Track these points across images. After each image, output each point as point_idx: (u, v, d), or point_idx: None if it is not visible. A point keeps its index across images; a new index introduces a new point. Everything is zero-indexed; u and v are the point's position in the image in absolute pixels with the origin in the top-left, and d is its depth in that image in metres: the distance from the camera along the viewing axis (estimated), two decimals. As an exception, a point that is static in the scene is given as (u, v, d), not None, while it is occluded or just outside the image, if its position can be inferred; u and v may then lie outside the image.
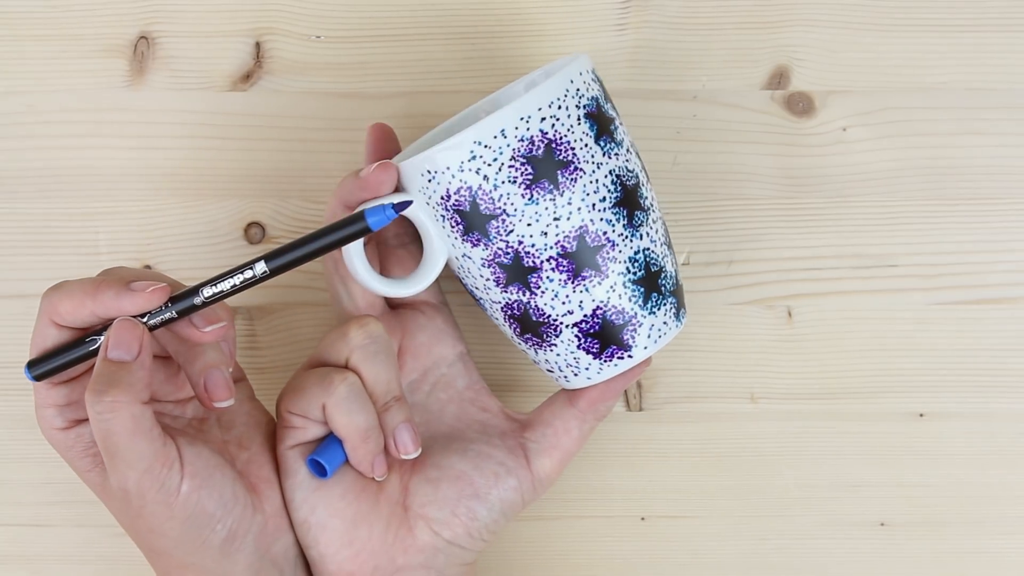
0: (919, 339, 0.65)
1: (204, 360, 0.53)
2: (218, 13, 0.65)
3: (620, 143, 0.55)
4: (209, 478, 0.53)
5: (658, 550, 0.65)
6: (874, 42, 0.65)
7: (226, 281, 0.51)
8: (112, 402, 0.50)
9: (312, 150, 0.65)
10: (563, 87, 0.53)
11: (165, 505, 0.52)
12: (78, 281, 0.53)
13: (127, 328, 0.51)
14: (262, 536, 0.55)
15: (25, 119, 0.65)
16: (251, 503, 0.55)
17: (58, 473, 0.64)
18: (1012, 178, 0.65)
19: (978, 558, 0.65)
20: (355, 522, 0.56)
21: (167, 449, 0.52)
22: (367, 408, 0.54)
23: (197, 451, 0.53)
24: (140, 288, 0.52)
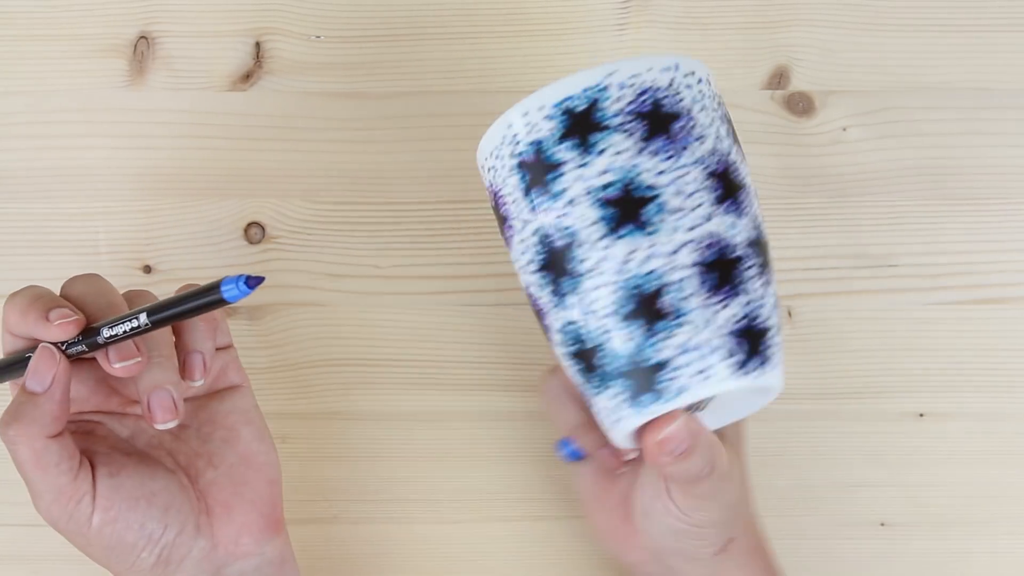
0: (919, 339, 0.65)
1: (149, 379, 0.52)
2: (218, 13, 0.65)
3: (558, 195, 0.49)
4: (128, 511, 0.53)
5: (658, 550, 0.65)
6: (874, 42, 0.65)
7: (120, 326, 0.51)
8: (14, 435, 0.51)
9: (312, 150, 0.65)
10: (500, 132, 0.50)
11: (79, 535, 0.53)
12: (25, 293, 0.52)
13: (44, 359, 0.51)
14: (207, 560, 0.54)
15: (25, 119, 0.65)
16: (193, 528, 0.54)
17: (58, 473, 0.64)
18: (1012, 178, 0.65)
19: (978, 558, 0.65)
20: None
21: (76, 483, 0.52)
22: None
23: (116, 483, 0.53)
24: (54, 319, 0.51)
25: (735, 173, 0.50)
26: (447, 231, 0.64)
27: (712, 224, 0.49)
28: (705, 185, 0.49)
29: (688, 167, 0.49)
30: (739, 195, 0.50)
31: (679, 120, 0.49)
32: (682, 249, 0.48)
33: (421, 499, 0.65)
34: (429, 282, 0.65)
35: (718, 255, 0.49)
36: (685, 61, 0.50)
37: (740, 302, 0.49)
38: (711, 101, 0.50)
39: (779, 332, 0.51)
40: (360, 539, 0.65)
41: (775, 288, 0.51)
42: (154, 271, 0.64)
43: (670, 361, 0.49)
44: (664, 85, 0.49)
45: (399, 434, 0.65)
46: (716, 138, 0.50)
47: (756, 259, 0.50)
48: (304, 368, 0.65)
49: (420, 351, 0.65)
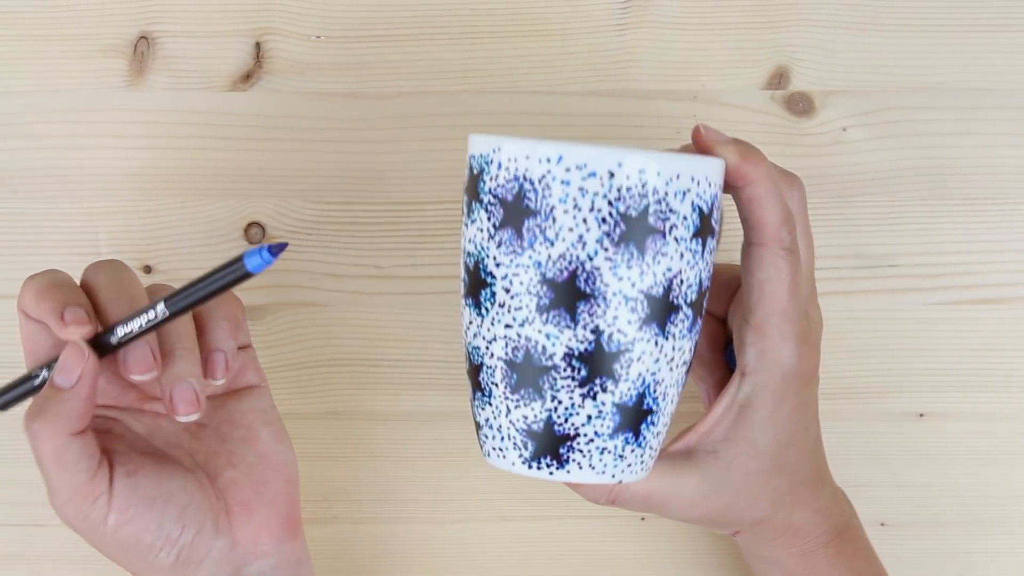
0: (919, 339, 0.65)
1: (172, 371, 0.52)
2: (218, 13, 0.65)
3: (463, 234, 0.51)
4: (146, 511, 0.52)
5: (658, 550, 0.65)
6: (874, 42, 0.65)
7: (135, 321, 0.51)
8: (37, 429, 0.51)
9: (312, 150, 0.65)
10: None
11: (94, 534, 0.52)
12: (44, 277, 0.53)
13: (73, 355, 0.51)
14: (227, 560, 0.54)
15: (25, 119, 0.65)
16: (212, 527, 0.54)
17: (58, 473, 0.64)
18: (1012, 178, 0.65)
19: (978, 558, 0.65)
20: None
21: (93, 483, 0.52)
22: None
23: (134, 483, 0.52)
24: (68, 320, 0.51)
25: (583, 282, 0.48)
26: (447, 231, 0.64)
27: (526, 329, 0.49)
28: (532, 290, 0.48)
29: (522, 267, 0.48)
30: (577, 304, 0.48)
31: (534, 217, 0.48)
32: (496, 341, 0.50)
33: (421, 499, 0.65)
34: (429, 282, 0.65)
35: (525, 358, 0.49)
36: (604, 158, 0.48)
37: (538, 406, 0.49)
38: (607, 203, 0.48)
39: (608, 438, 0.50)
40: (360, 539, 0.65)
41: (618, 398, 0.49)
42: (154, 271, 0.64)
43: (481, 427, 0.52)
44: (535, 177, 0.48)
45: (399, 434, 0.65)
46: (575, 244, 0.48)
47: (575, 371, 0.49)
48: (304, 368, 0.65)
49: (420, 351, 0.65)
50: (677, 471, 0.54)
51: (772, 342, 0.53)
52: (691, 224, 0.49)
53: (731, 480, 0.54)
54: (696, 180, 0.49)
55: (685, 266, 0.49)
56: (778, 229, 0.52)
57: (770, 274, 0.52)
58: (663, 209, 0.48)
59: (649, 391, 0.50)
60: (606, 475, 0.51)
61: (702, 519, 0.56)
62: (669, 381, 0.51)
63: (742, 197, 0.52)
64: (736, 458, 0.54)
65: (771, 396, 0.54)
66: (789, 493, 0.55)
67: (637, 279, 0.48)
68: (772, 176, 0.52)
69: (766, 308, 0.53)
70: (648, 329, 0.49)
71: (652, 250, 0.48)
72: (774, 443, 0.54)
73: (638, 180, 0.48)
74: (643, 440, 0.51)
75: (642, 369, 0.49)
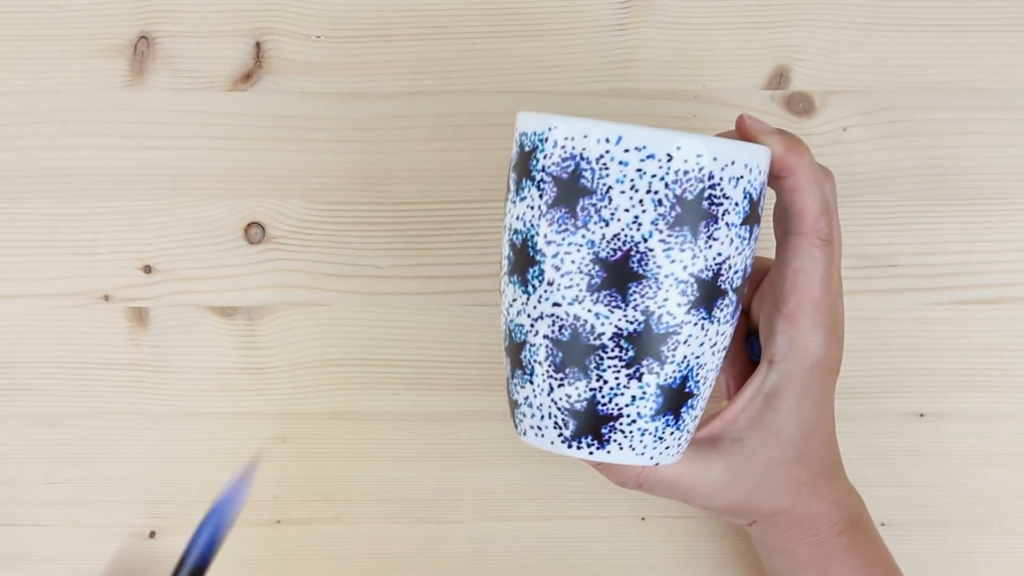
0: (919, 339, 0.65)
1: None
2: (218, 13, 0.65)
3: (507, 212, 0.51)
4: None
5: (658, 550, 0.65)
6: (874, 42, 0.65)
7: None
8: None
9: (312, 150, 0.65)
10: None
11: None
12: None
13: None
14: None
15: (25, 119, 0.64)
16: None
17: (59, 473, 0.64)
18: (1012, 178, 0.65)
19: (978, 558, 0.65)
20: None
21: None
22: None
23: None
24: None
25: (637, 262, 0.48)
26: (447, 231, 0.64)
27: (576, 308, 0.49)
28: (584, 269, 0.49)
29: (574, 246, 0.49)
30: (629, 285, 0.48)
31: (589, 197, 0.48)
32: (542, 320, 0.50)
33: (421, 499, 0.65)
34: (429, 282, 0.65)
35: (572, 337, 0.49)
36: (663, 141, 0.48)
37: (583, 385, 0.50)
38: (664, 186, 0.48)
39: (649, 420, 0.50)
40: (360, 539, 0.65)
41: (663, 380, 0.50)
42: (154, 271, 0.64)
43: (519, 405, 0.52)
44: (593, 157, 0.48)
45: (399, 434, 0.65)
46: (631, 225, 0.48)
47: (622, 351, 0.49)
48: (304, 368, 0.65)
49: (420, 351, 0.65)
50: (703, 458, 0.54)
51: (803, 331, 0.53)
52: (742, 210, 0.50)
53: (754, 468, 0.55)
54: (748, 167, 0.49)
55: (734, 252, 0.50)
56: (817, 219, 0.53)
57: (806, 263, 0.53)
58: (718, 194, 0.49)
59: (692, 374, 0.50)
60: (645, 456, 0.51)
61: (724, 507, 0.56)
62: (710, 365, 0.51)
63: (785, 186, 0.53)
64: (760, 447, 0.54)
65: (798, 386, 0.54)
66: (808, 483, 0.56)
67: (689, 262, 0.49)
68: (814, 167, 0.53)
69: (800, 297, 0.53)
70: (696, 313, 0.49)
71: (705, 234, 0.49)
72: (798, 433, 0.55)
73: (695, 164, 0.48)
74: (682, 423, 0.51)
75: (687, 352, 0.50)
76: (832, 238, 0.53)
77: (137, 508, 0.64)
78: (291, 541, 0.64)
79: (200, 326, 0.64)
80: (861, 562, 0.57)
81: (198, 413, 0.64)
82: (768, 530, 0.58)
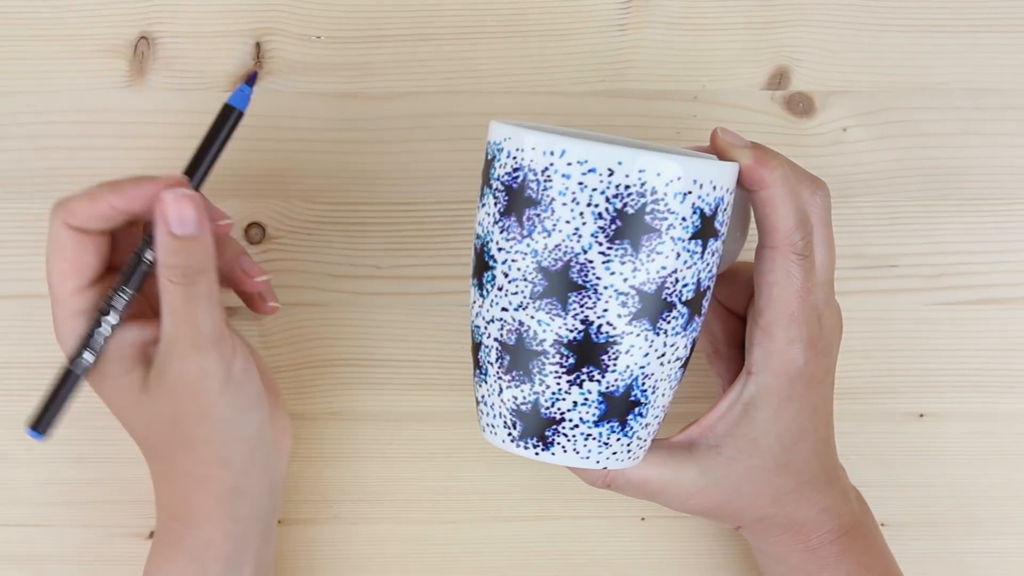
0: (919, 339, 0.65)
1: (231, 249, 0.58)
2: (218, 13, 0.65)
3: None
4: (251, 362, 0.55)
5: (658, 550, 0.65)
6: (874, 42, 0.65)
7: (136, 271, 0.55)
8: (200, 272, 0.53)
9: (312, 150, 0.65)
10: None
11: (220, 380, 0.54)
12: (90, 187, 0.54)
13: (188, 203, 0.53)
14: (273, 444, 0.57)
15: (25, 119, 0.65)
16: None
17: (60, 473, 0.64)
18: (1012, 178, 0.65)
19: (978, 558, 0.65)
20: None
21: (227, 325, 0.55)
22: None
23: (240, 338, 0.56)
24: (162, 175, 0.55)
25: (576, 273, 0.49)
26: (447, 231, 0.64)
27: (520, 314, 0.50)
28: (528, 277, 0.50)
29: (520, 254, 0.50)
30: (569, 295, 0.49)
31: (534, 207, 0.49)
32: (493, 323, 0.51)
33: (421, 499, 0.65)
34: (429, 282, 0.65)
35: (517, 342, 0.50)
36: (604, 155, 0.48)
37: (528, 389, 0.51)
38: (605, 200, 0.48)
39: (592, 425, 0.51)
40: (360, 539, 0.65)
41: (604, 387, 0.50)
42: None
43: (479, 403, 0.54)
44: (539, 168, 0.49)
45: (399, 434, 0.65)
46: (571, 237, 0.49)
47: (563, 358, 0.50)
48: (304, 368, 0.65)
49: (420, 351, 0.65)
50: (676, 461, 0.55)
51: (778, 344, 0.53)
52: (690, 225, 0.49)
53: (732, 476, 0.55)
54: (699, 183, 0.49)
55: (681, 265, 0.50)
56: (790, 233, 0.52)
57: (779, 277, 0.53)
58: (661, 209, 0.49)
59: (637, 383, 0.51)
60: (590, 460, 0.52)
61: (701, 511, 0.56)
62: (660, 375, 0.51)
63: (756, 200, 0.53)
64: (737, 455, 0.54)
65: (775, 397, 0.54)
66: (794, 491, 0.56)
67: (630, 275, 0.49)
68: (787, 180, 0.52)
69: (774, 311, 0.53)
70: (638, 324, 0.50)
71: (647, 248, 0.49)
72: (777, 443, 0.55)
73: (637, 179, 0.48)
74: (630, 430, 0.52)
75: (630, 362, 0.50)
76: (808, 252, 0.53)
77: (137, 508, 0.64)
78: (291, 541, 0.64)
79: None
80: (855, 568, 0.57)
81: (198, 413, 0.64)
82: (757, 534, 0.58)
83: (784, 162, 0.53)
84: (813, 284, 0.53)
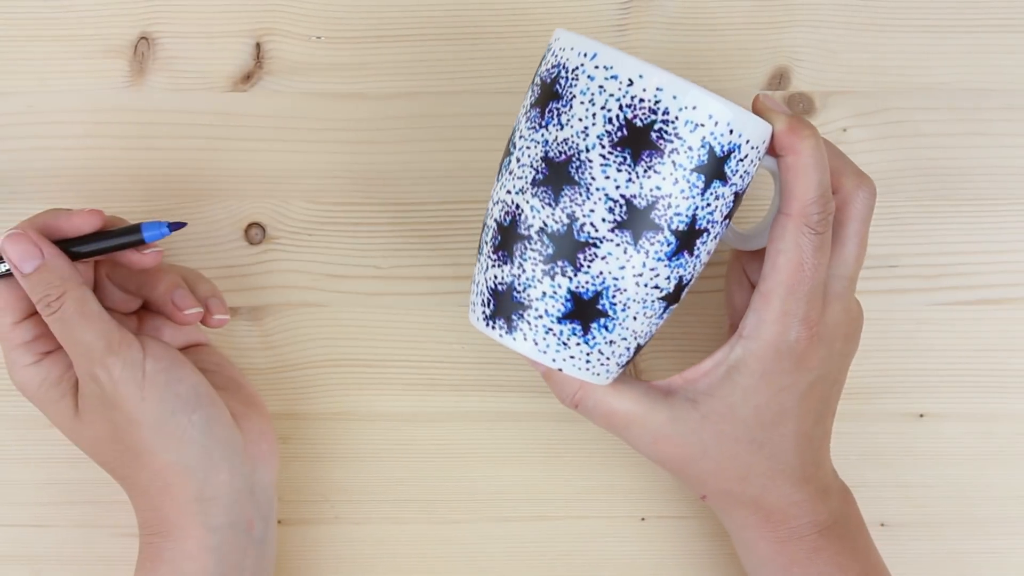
0: (919, 339, 0.65)
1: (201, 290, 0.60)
2: (218, 13, 0.65)
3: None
4: (174, 362, 0.56)
5: (658, 550, 0.65)
6: (874, 42, 0.65)
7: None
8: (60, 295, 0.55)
9: (312, 150, 0.65)
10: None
11: (135, 383, 0.55)
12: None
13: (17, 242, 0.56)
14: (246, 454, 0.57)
15: (26, 119, 0.64)
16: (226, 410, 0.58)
17: (59, 474, 0.64)
18: (1012, 178, 0.65)
19: (978, 558, 0.65)
20: None
21: (123, 331, 0.56)
22: None
23: (154, 340, 0.57)
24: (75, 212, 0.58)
25: (575, 169, 0.51)
26: (447, 231, 0.64)
27: (519, 197, 0.53)
28: (534, 164, 0.52)
29: (534, 142, 0.52)
30: (563, 187, 0.51)
31: (557, 101, 0.52)
32: (497, 204, 0.54)
33: (421, 499, 0.65)
34: (429, 282, 0.65)
35: (510, 223, 0.53)
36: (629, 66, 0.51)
37: (507, 270, 0.53)
38: (619, 107, 0.51)
39: (555, 321, 0.53)
40: (361, 539, 0.65)
41: (575, 286, 0.52)
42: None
43: (472, 283, 0.56)
44: (571, 67, 0.52)
45: (399, 434, 0.65)
46: (580, 134, 0.51)
47: (543, 246, 0.52)
48: (305, 369, 0.65)
49: (420, 351, 0.65)
50: (649, 401, 0.55)
51: (773, 313, 0.54)
52: (695, 157, 0.51)
53: (701, 435, 0.55)
54: (715, 120, 0.51)
55: (677, 192, 0.51)
56: (807, 205, 0.53)
57: (787, 246, 0.53)
58: (669, 131, 0.51)
59: (607, 293, 0.52)
60: (547, 356, 0.53)
61: (665, 462, 0.57)
62: (633, 296, 0.52)
63: (782, 165, 0.53)
64: (711, 415, 0.55)
65: (759, 366, 0.54)
66: (764, 476, 0.56)
67: (623, 184, 0.51)
68: (817, 154, 0.53)
69: (775, 279, 0.54)
70: (620, 234, 0.51)
71: (645, 163, 0.51)
72: (753, 416, 0.55)
73: (652, 96, 0.50)
74: (591, 339, 0.53)
75: (604, 268, 0.52)
76: (822, 230, 0.53)
77: (137, 508, 0.64)
78: (291, 541, 0.64)
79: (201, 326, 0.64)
80: (828, 568, 0.57)
81: (198, 413, 0.64)
82: (723, 511, 0.58)
83: (816, 136, 0.53)
84: (821, 264, 0.54)
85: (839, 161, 0.56)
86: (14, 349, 0.57)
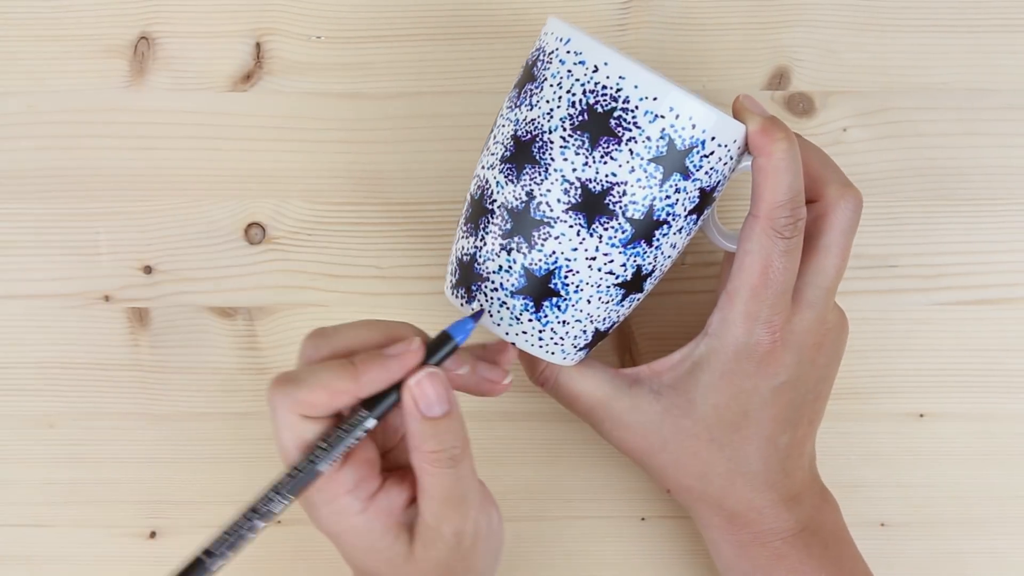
0: (919, 339, 0.65)
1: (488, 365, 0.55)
2: (218, 13, 0.65)
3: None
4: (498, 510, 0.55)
5: (658, 550, 0.65)
6: (874, 42, 0.65)
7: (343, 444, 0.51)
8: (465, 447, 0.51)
9: (312, 150, 0.65)
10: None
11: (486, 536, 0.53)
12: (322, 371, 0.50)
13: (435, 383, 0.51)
14: None
15: (25, 119, 0.64)
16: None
17: (59, 473, 0.64)
18: (1012, 178, 0.65)
19: (978, 558, 0.65)
20: None
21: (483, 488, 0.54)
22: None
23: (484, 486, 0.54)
24: (398, 352, 0.51)
25: (537, 149, 0.53)
26: (447, 231, 0.64)
27: (488, 172, 0.55)
28: (504, 142, 0.54)
29: (508, 121, 0.54)
30: (525, 166, 0.53)
31: (532, 83, 0.54)
32: (475, 178, 0.56)
33: (421, 499, 0.65)
34: (429, 282, 0.65)
35: (479, 196, 0.55)
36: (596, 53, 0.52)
37: (472, 242, 0.55)
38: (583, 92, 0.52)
39: (509, 295, 0.54)
40: (360, 539, 0.65)
41: (528, 263, 0.53)
42: (154, 271, 0.64)
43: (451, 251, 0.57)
44: (548, 51, 0.53)
45: (399, 434, 0.65)
46: (545, 115, 0.53)
47: (503, 221, 0.54)
48: (304, 368, 0.64)
49: (420, 351, 0.65)
50: (614, 387, 0.56)
51: (735, 314, 0.54)
52: (654, 147, 0.52)
53: (661, 428, 0.56)
54: (676, 113, 0.52)
55: (633, 180, 0.52)
56: (774, 208, 0.53)
57: (753, 247, 0.54)
58: (628, 119, 0.52)
59: (559, 273, 0.53)
60: (500, 329, 0.55)
61: (628, 451, 0.57)
62: (587, 279, 0.53)
63: (754, 166, 0.54)
64: (672, 408, 0.56)
65: (720, 365, 0.55)
66: (723, 476, 0.56)
67: (580, 167, 0.52)
68: (790, 157, 0.53)
69: (740, 279, 0.54)
70: (574, 216, 0.53)
71: (603, 149, 0.52)
72: (713, 414, 0.55)
73: (615, 84, 0.52)
74: (543, 317, 0.54)
75: (557, 248, 0.53)
76: (791, 235, 0.53)
77: (137, 508, 0.64)
78: (291, 541, 0.64)
79: (200, 326, 0.64)
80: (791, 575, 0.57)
81: (198, 413, 0.64)
82: (688, 507, 0.59)
83: (790, 140, 0.53)
84: (788, 268, 0.54)
85: (826, 170, 0.56)
86: (338, 499, 0.51)
